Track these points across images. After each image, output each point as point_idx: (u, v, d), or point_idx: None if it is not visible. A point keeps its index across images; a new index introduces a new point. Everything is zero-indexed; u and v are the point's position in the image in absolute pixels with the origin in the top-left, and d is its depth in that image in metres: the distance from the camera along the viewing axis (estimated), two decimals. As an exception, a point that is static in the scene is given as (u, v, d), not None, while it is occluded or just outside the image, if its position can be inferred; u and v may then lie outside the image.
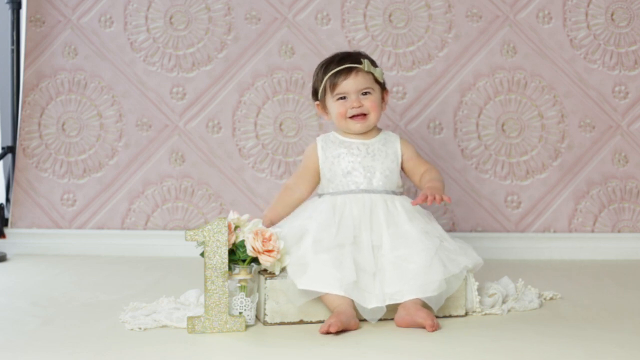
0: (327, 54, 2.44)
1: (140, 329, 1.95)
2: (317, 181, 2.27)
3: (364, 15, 3.12)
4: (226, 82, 3.13)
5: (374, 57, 3.08)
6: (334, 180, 2.21)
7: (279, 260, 2.02)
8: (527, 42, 3.09)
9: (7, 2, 3.19)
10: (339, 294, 1.97)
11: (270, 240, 1.99)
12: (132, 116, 3.14)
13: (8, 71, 3.22)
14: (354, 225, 2.10)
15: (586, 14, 3.10)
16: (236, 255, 1.99)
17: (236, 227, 2.02)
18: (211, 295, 1.93)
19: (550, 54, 3.09)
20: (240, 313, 1.98)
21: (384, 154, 2.23)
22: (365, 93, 2.22)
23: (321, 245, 2.04)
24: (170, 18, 3.16)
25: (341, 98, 2.23)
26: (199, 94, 3.13)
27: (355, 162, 2.21)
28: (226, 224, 1.94)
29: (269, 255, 1.98)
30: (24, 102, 3.17)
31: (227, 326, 1.94)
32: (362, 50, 3.07)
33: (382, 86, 2.29)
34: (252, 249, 1.97)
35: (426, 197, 2.09)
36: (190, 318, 1.93)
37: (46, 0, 3.18)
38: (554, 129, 3.08)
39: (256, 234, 1.99)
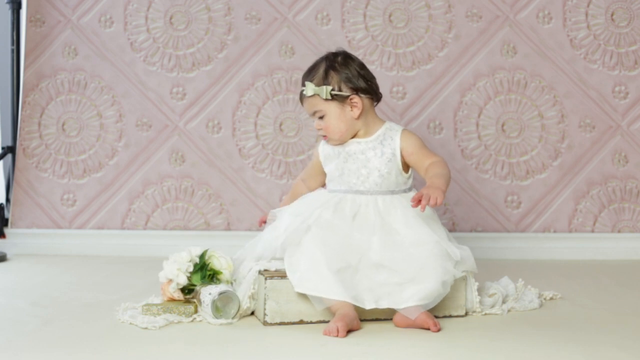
0: (327, 54, 2.44)
1: (137, 326, 1.95)
2: (325, 177, 2.29)
3: (364, 16, 3.12)
4: (226, 82, 3.13)
5: (374, 57, 3.10)
6: (332, 180, 2.22)
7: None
8: (527, 42, 3.09)
9: (7, 2, 3.19)
10: (344, 300, 1.97)
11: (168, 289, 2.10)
12: (132, 116, 3.14)
13: (8, 71, 3.22)
14: (347, 225, 2.10)
15: (586, 14, 3.10)
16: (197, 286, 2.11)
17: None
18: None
19: (550, 54, 3.09)
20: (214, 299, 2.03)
21: (379, 153, 2.18)
22: (320, 117, 2.19)
23: (320, 250, 2.04)
24: (171, 18, 3.16)
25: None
26: (199, 94, 3.13)
27: (349, 163, 2.19)
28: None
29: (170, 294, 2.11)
30: (24, 102, 3.17)
31: (177, 310, 2.04)
32: (362, 50, 3.08)
33: (342, 96, 2.17)
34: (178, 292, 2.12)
35: (418, 202, 2.01)
36: (144, 305, 2.06)
37: (46, 1, 3.18)
38: (554, 129, 3.08)
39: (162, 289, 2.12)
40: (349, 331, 1.92)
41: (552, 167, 3.07)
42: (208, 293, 2.04)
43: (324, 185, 2.31)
